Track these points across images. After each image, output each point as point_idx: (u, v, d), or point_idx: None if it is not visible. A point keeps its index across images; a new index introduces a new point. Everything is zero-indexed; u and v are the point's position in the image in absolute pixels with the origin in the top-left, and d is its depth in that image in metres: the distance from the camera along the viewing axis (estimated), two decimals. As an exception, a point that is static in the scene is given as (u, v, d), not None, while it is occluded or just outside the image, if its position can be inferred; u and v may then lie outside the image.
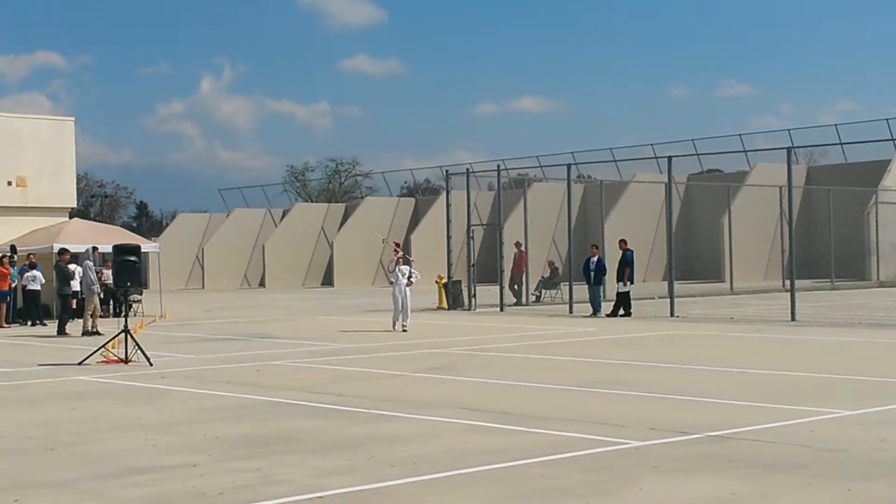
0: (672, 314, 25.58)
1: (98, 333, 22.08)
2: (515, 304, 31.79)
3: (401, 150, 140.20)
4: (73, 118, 32.68)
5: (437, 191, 68.66)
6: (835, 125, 52.28)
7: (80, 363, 16.50)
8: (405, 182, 78.57)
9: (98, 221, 52.26)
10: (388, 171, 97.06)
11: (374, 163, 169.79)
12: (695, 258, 51.11)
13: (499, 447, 9.12)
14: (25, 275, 26.75)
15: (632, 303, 26.25)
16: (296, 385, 13.60)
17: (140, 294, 30.42)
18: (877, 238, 44.47)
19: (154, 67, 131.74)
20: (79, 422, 11.05)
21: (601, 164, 58.84)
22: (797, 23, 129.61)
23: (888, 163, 47.76)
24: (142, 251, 20.40)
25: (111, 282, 24.31)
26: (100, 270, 26.20)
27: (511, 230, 35.27)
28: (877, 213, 44.92)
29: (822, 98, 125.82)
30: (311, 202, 73.89)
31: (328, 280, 58.05)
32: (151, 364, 16.13)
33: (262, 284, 58.13)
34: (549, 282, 34.67)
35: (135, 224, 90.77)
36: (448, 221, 31.99)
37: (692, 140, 56.50)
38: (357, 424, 10.49)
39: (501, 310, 29.85)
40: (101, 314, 25.11)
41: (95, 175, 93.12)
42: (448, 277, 31.53)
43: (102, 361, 16.63)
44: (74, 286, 25.04)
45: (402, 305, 22.76)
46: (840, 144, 49.71)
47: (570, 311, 28.20)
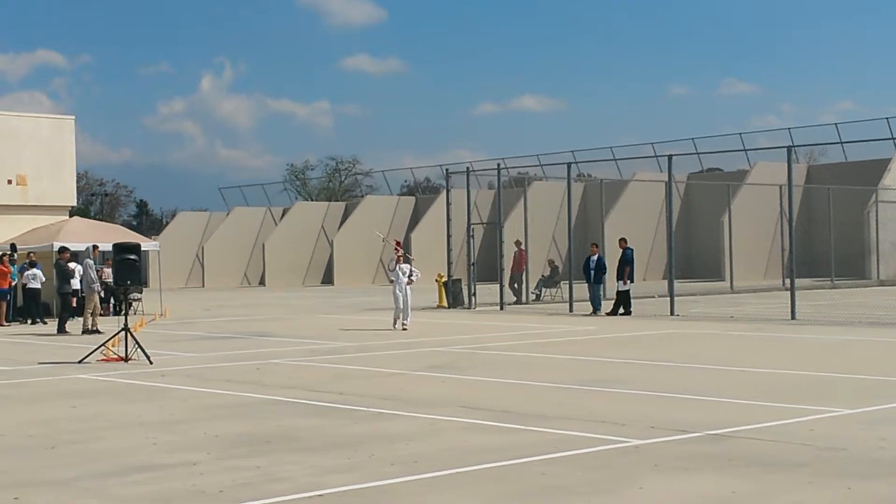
0: (672, 313, 25.57)
1: (98, 332, 22.08)
2: (515, 303, 31.78)
3: (401, 149, 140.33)
4: (74, 117, 32.72)
5: (438, 189, 68.68)
6: (835, 124, 52.43)
7: (81, 361, 16.50)
8: (405, 181, 78.74)
9: (98, 220, 52.23)
10: (389, 170, 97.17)
11: (375, 161, 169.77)
12: (695, 257, 51.12)
13: (499, 445, 9.12)
14: (26, 273, 26.75)
15: (632, 301, 26.25)
16: (296, 383, 13.61)
17: (140, 292, 30.41)
18: (877, 237, 44.48)
19: (155, 66, 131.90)
20: (79, 420, 11.05)
21: (601, 163, 58.95)
22: (797, 23, 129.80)
23: (888, 162, 47.75)
24: (142, 250, 20.39)
25: (111, 280, 24.33)
26: (100, 269, 26.19)
27: (511, 229, 35.29)
28: (877, 212, 44.92)
29: (823, 97, 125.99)
30: (312, 201, 73.90)
31: (328, 279, 58.06)
32: (151, 362, 16.13)
33: (263, 283, 58.14)
34: (550, 280, 34.65)
35: (135, 223, 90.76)
36: (448, 220, 32.01)
37: (692, 139, 56.67)
38: (357, 423, 10.49)
39: (501, 308, 29.85)
40: (102, 312, 25.12)
41: (96, 174, 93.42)
42: (448, 276, 31.54)
43: (102, 360, 16.64)
44: (74, 284, 25.07)
45: (403, 304, 22.77)
46: (840, 143, 49.73)
47: (571, 310, 28.19)
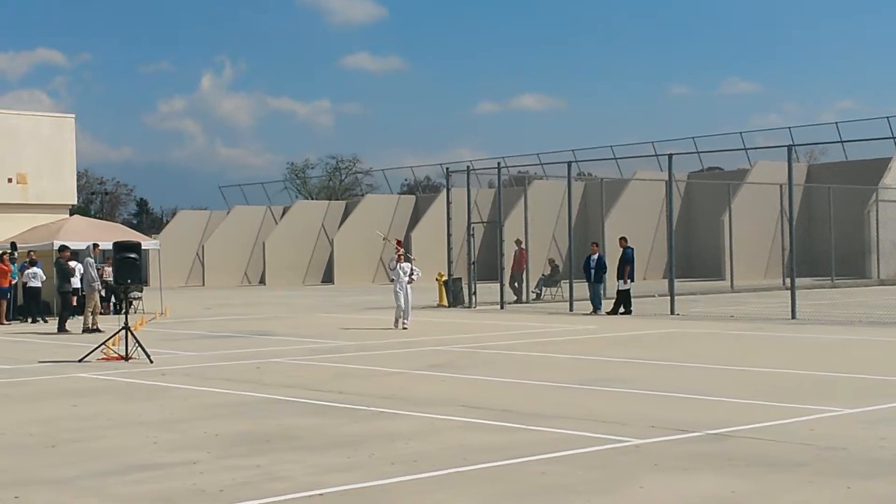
0: (672, 312, 25.57)
1: (98, 330, 22.08)
2: (516, 302, 31.77)
3: (401, 148, 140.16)
4: (74, 115, 32.69)
5: (438, 188, 68.68)
6: (835, 123, 52.42)
7: (81, 360, 16.50)
8: (406, 179, 78.81)
9: (98, 218, 52.26)
10: (389, 169, 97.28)
11: (375, 160, 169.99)
12: (695, 256, 51.11)
13: (499, 445, 9.12)
14: (26, 272, 26.75)
15: (632, 301, 26.25)
16: (296, 382, 13.61)
17: (140, 291, 30.44)
18: (877, 236, 44.48)
19: (155, 65, 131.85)
20: (79, 419, 11.06)
21: (602, 162, 59.01)
22: (798, 22, 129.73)
23: (888, 161, 47.72)
24: (142, 248, 20.38)
25: (112, 279, 24.32)
26: (100, 267, 26.19)
27: (511, 228, 35.30)
28: (877, 211, 44.92)
29: (823, 97, 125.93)
30: (312, 199, 73.92)
31: (328, 277, 58.04)
32: (152, 361, 16.13)
33: (263, 282, 58.13)
34: (550, 279, 34.65)
35: (135, 221, 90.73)
36: (448, 219, 32.00)
37: (693, 138, 56.68)
38: (357, 422, 10.49)
39: (502, 307, 29.85)
40: (102, 311, 25.12)
41: (96, 172, 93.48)
42: (448, 275, 31.54)
43: (103, 358, 16.64)
44: (75, 283, 25.08)
45: (404, 303, 22.78)
46: (840, 142, 49.70)
47: (571, 309, 28.18)
